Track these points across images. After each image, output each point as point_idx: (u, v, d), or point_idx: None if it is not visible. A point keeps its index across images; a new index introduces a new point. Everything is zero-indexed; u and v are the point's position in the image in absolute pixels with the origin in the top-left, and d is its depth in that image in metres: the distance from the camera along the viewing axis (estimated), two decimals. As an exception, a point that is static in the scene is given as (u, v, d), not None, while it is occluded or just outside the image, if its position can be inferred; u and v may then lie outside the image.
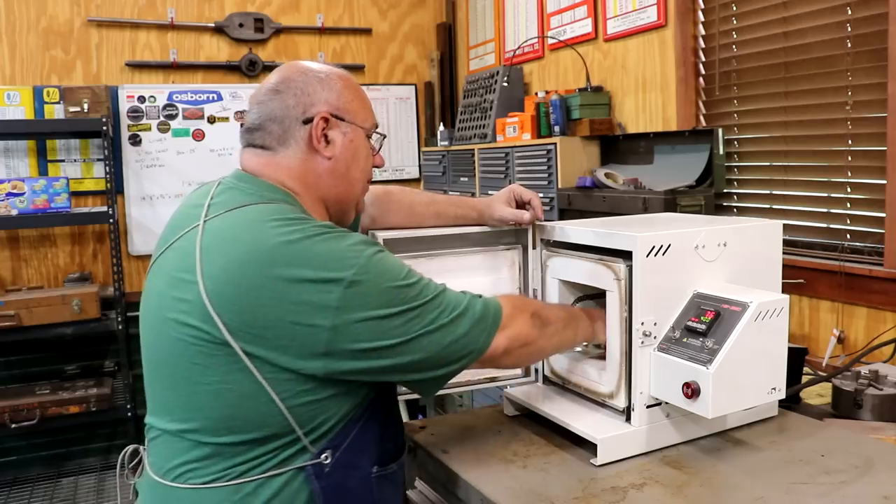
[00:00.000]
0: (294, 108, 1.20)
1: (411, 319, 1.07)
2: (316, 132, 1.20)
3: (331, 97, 1.22)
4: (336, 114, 1.22)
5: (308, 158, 1.21)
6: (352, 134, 1.24)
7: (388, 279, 1.07)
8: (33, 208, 3.31)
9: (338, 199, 1.26)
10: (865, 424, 1.50)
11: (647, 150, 2.73)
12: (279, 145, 1.21)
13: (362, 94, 1.29)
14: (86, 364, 3.71)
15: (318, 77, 1.23)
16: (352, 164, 1.25)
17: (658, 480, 1.17)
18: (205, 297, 1.04)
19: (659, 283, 1.25)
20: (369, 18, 4.32)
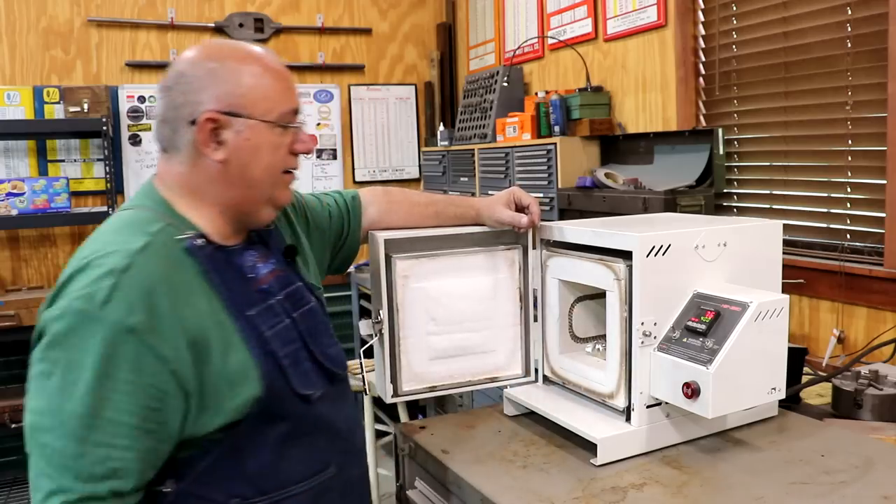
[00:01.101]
0: (181, 108, 1.10)
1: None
2: (201, 135, 1.09)
3: (221, 91, 1.09)
4: (228, 110, 1.09)
5: (198, 163, 1.11)
6: (248, 132, 1.11)
7: (59, 351, 0.98)
8: (33, 208, 3.31)
9: (235, 204, 1.14)
10: (865, 424, 1.50)
11: (647, 150, 2.73)
12: (171, 148, 1.13)
13: (272, 77, 1.14)
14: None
15: (210, 68, 1.10)
16: (249, 164, 1.12)
17: (658, 480, 1.17)
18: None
19: (659, 283, 1.25)
20: (369, 18, 4.32)
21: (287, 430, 1.11)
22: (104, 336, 0.96)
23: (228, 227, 1.16)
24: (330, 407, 1.19)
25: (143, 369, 0.98)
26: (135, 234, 1.05)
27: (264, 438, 1.09)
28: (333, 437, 1.19)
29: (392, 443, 1.72)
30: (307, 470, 1.13)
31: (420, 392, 1.44)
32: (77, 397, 0.96)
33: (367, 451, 1.33)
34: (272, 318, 1.13)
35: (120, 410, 0.97)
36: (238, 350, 1.07)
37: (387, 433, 3.51)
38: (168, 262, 1.05)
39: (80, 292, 0.98)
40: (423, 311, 1.41)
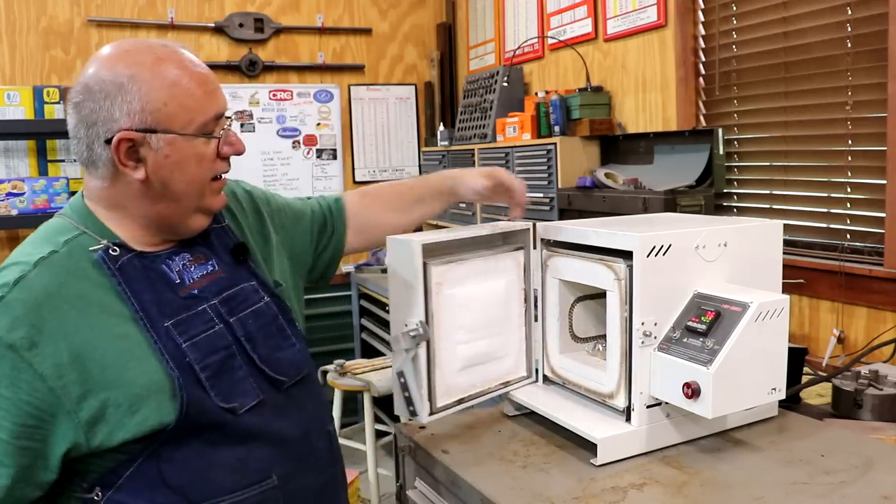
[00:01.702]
0: (94, 126, 1.04)
1: None
2: (118, 156, 1.04)
3: (134, 107, 1.03)
4: (143, 127, 1.03)
5: (117, 180, 1.07)
6: (167, 148, 1.05)
7: None
8: (33, 208, 3.31)
9: (161, 217, 1.11)
10: (865, 424, 1.50)
11: (647, 150, 2.73)
12: (88, 165, 1.08)
13: (188, 83, 1.06)
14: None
15: (118, 83, 1.03)
16: (172, 180, 1.07)
17: (658, 480, 1.17)
18: None
19: (659, 283, 1.25)
20: (369, 18, 4.32)
21: (214, 439, 1.07)
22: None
23: (155, 237, 1.13)
24: (271, 416, 1.13)
25: (20, 386, 0.97)
26: (43, 245, 1.05)
27: (187, 448, 1.06)
28: (278, 446, 1.13)
29: (392, 443, 1.72)
30: (242, 480, 1.09)
31: (451, 406, 1.34)
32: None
33: (337, 458, 1.28)
34: (197, 325, 1.09)
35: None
36: (147, 363, 1.04)
37: (387, 433, 3.51)
38: (68, 274, 1.03)
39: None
40: (453, 318, 1.33)
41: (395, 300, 1.31)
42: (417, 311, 1.26)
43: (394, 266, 1.31)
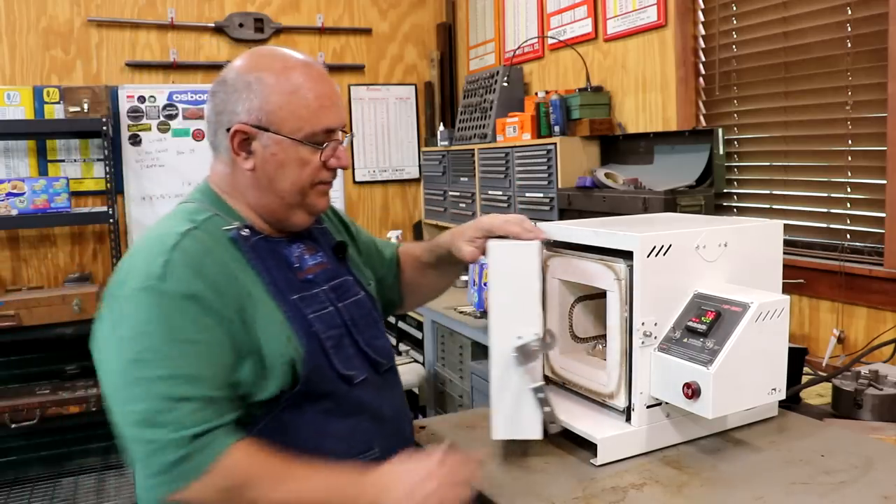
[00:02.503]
0: (221, 115, 1.18)
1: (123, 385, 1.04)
2: (232, 144, 1.17)
3: (253, 105, 1.15)
4: (256, 124, 1.16)
5: (234, 166, 1.20)
6: (274, 147, 1.17)
7: (125, 328, 1.05)
8: (33, 208, 3.31)
9: (267, 209, 1.22)
10: (865, 424, 1.50)
11: (647, 150, 2.73)
12: (215, 149, 1.22)
13: (305, 94, 1.17)
14: (86, 364, 3.70)
15: (246, 81, 1.16)
16: (276, 177, 1.18)
17: (658, 480, 1.17)
18: None
19: (659, 283, 1.25)
20: (369, 18, 4.32)
21: (329, 408, 1.16)
22: (164, 304, 1.04)
23: (269, 225, 1.23)
24: (374, 393, 1.23)
25: (210, 330, 1.06)
26: (182, 221, 1.14)
27: (306, 415, 1.14)
28: (378, 422, 1.22)
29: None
30: (350, 449, 1.17)
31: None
32: (152, 362, 1.02)
33: (414, 441, 1.36)
34: (315, 304, 1.20)
35: (196, 366, 1.04)
36: (283, 328, 1.13)
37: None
38: (213, 243, 1.13)
39: (139, 272, 1.06)
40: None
41: (508, 310, 1.24)
42: (539, 321, 1.24)
43: (508, 272, 1.24)
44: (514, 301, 1.24)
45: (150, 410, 1.00)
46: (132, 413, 1.01)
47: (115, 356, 1.04)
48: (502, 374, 1.24)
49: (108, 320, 1.08)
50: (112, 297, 1.09)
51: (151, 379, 1.01)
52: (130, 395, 1.02)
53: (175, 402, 1.00)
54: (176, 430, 0.99)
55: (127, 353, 1.03)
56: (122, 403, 1.03)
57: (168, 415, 1.00)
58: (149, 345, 1.02)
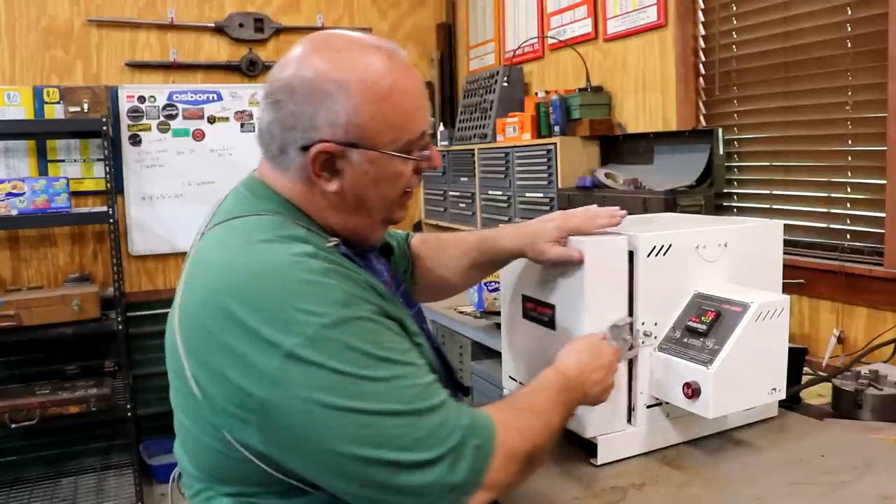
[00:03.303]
0: (291, 130, 0.96)
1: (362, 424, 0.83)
2: (313, 167, 0.97)
3: (339, 117, 0.94)
4: (344, 141, 0.95)
5: (308, 187, 1.00)
6: (367, 165, 0.98)
7: (342, 360, 0.83)
8: (33, 208, 3.31)
9: (348, 228, 1.04)
10: (865, 424, 1.50)
11: (647, 150, 2.73)
12: (278, 164, 1.01)
13: (400, 96, 0.98)
14: (86, 364, 3.71)
15: (324, 90, 0.94)
16: (367, 195, 1.01)
17: (658, 480, 1.17)
18: (177, 332, 0.92)
19: (659, 283, 1.25)
20: (369, 18, 4.32)
21: None
22: (368, 328, 0.87)
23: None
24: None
25: (399, 337, 0.93)
26: (291, 240, 0.93)
27: None
28: None
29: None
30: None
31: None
32: (396, 387, 0.86)
33: None
34: (421, 318, 1.14)
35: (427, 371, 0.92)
36: (422, 338, 1.04)
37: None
38: (339, 261, 0.96)
39: (309, 311, 0.85)
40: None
41: (600, 301, 1.22)
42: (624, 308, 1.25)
43: (599, 267, 1.22)
44: (607, 297, 1.23)
45: (433, 425, 0.85)
46: (409, 441, 0.83)
47: (345, 402, 0.83)
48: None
49: (301, 375, 0.83)
50: (278, 351, 0.83)
51: (411, 397, 0.86)
52: (398, 423, 0.84)
53: (439, 407, 0.87)
54: (461, 428, 0.87)
55: (353, 394, 0.83)
56: (392, 439, 0.83)
57: (445, 427, 0.86)
58: (378, 373, 0.85)
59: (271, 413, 0.83)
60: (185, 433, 0.97)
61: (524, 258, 1.30)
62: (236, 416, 0.86)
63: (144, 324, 3.89)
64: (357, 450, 0.82)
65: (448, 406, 0.88)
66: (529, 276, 1.34)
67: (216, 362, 0.86)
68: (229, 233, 0.96)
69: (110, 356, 3.72)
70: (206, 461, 0.95)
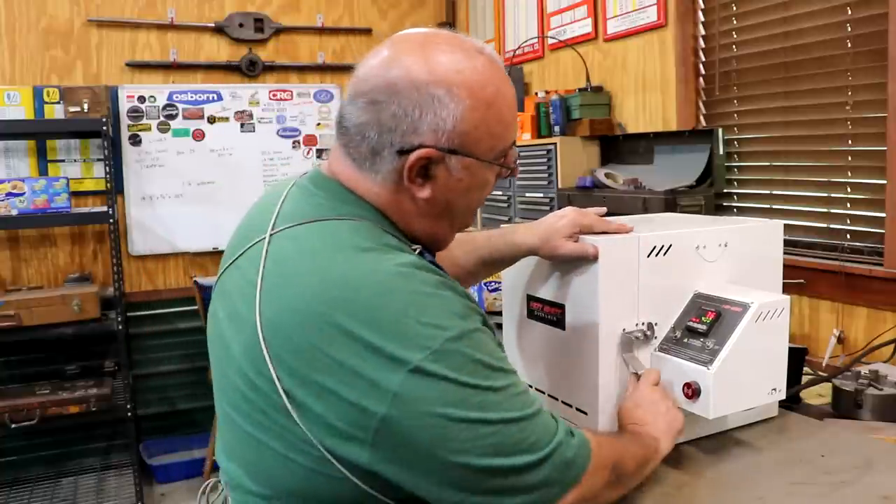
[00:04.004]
0: (390, 133, 0.92)
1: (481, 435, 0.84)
2: (409, 173, 0.94)
3: (445, 124, 0.92)
4: (447, 147, 0.93)
5: (397, 192, 0.97)
6: (462, 172, 0.96)
7: (466, 373, 0.84)
8: (33, 208, 3.31)
9: (426, 236, 1.02)
10: (865, 424, 1.50)
11: (647, 150, 2.73)
12: (366, 166, 0.96)
13: (501, 104, 0.96)
14: (86, 364, 3.71)
15: (434, 94, 0.91)
16: (457, 203, 0.99)
17: (658, 480, 1.17)
18: (262, 344, 0.87)
19: (659, 283, 1.25)
20: (369, 18, 4.32)
21: None
22: (487, 339, 0.89)
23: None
24: None
25: (498, 345, 0.93)
26: (390, 249, 0.91)
27: None
28: None
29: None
30: None
31: None
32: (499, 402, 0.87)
33: None
34: None
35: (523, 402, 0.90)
36: None
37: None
38: (441, 272, 0.95)
39: (434, 322, 0.84)
40: None
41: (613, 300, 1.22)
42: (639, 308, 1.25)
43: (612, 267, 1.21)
44: (621, 296, 1.22)
45: (542, 425, 0.89)
46: (527, 445, 0.86)
47: (473, 413, 0.83)
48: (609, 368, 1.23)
49: (428, 390, 0.82)
50: (402, 367, 0.81)
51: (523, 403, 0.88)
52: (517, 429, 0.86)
53: (540, 408, 0.90)
54: (562, 428, 0.91)
55: (479, 405, 0.84)
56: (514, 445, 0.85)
57: (549, 427, 0.90)
58: (497, 383, 0.86)
59: (393, 429, 0.82)
60: (253, 448, 0.92)
61: (531, 257, 1.30)
62: (345, 433, 0.84)
63: (144, 324, 3.89)
64: (484, 460, 0.83)
65: (544, 407, 0.92)
66: (535, 276, 1.34)
67: (323, 379, 0.83)
68: (314, 238, 0.92)
69: (110, 356, 3.72)
70: (286, 479, 0.90)
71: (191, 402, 3.96)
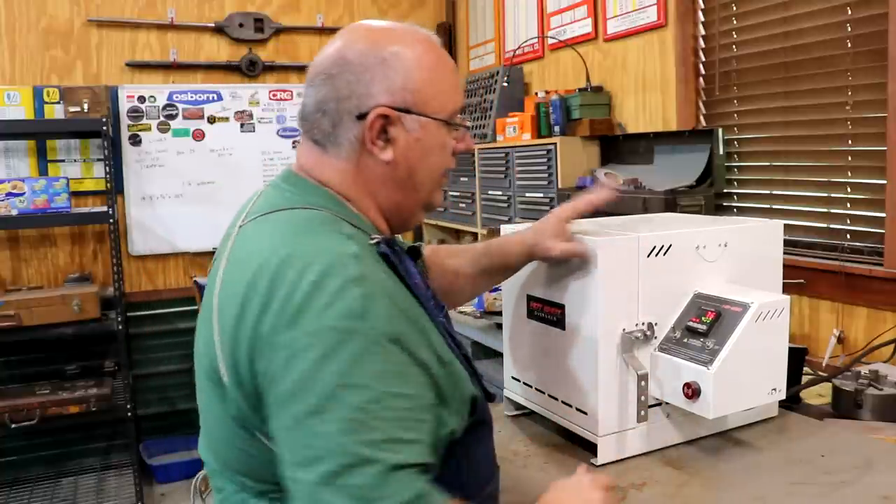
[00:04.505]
0: (346, 100, 0.98)
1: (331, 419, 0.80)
2: (370, 133, 0.98)
3: (394, 83, 0.98)
4: (400, 106, 0.99)
5: (361, 161, 1.01)
6: (420, 131, 1.01)
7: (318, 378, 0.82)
8: (33, 208, 3.31)
9: (397, 207, 1.05)
10: (865, 424, 1.50)
11: (647, 150, 2.73)
12: (329, 143, 1.01)
13: (443, 69, 1.03)
14: (86, 364, 3.71)
15: (381, 57, 0.99)
16: (418, 166, 1.03)
17: (658, 480, 1.17)
18: (215, 326, 0.91)
19: (659, 283, 1.25)
20: (369, 18, 4.32)
21: (483, 433, 1.05)
22: (373, 350, 0.84)
23: (388, 232, 1.08)
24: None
25: (414, 380, 0.87)
26: (335, 237, 0.92)
27: (469, 441, 1.01)
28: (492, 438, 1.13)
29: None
30: (489, 471, 1.08)
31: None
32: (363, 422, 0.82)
33: None
34: (448, 322, 1.09)
35: (407, 426, 0.85)
36: (450, 353, 1.00)
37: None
38: (380, 266, 0.94)
39: (331, 308, 0.84)
40: None
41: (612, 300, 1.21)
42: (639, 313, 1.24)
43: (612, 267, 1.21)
44: (620, 296, 1.22)
45: (363, 484, 0.79)
46: (341, 486, 0.80)
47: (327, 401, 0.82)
48: (609, 368, 1.22)
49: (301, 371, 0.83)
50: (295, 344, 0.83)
51: (363, 442, 0.80)
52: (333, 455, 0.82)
53: (392, 471, 0.80)
54: (397, 501, 0.79)
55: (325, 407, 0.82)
56: (328, 465, 0.80)
57: (385, 487, 0.80)
58: (355, 403, 0.81)
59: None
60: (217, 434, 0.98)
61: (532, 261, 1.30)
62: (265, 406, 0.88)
63: (144, 324, 3.89)
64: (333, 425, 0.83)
65: (402, 475, 0.82)
66: (535, 277, 1.34)
67: (251, 354, 0.87)
68: (272, 225, 0.96)
69: (110, 356, 3.72)
70: (234, 455, 0.96)
71: (191, 402, 3.92)
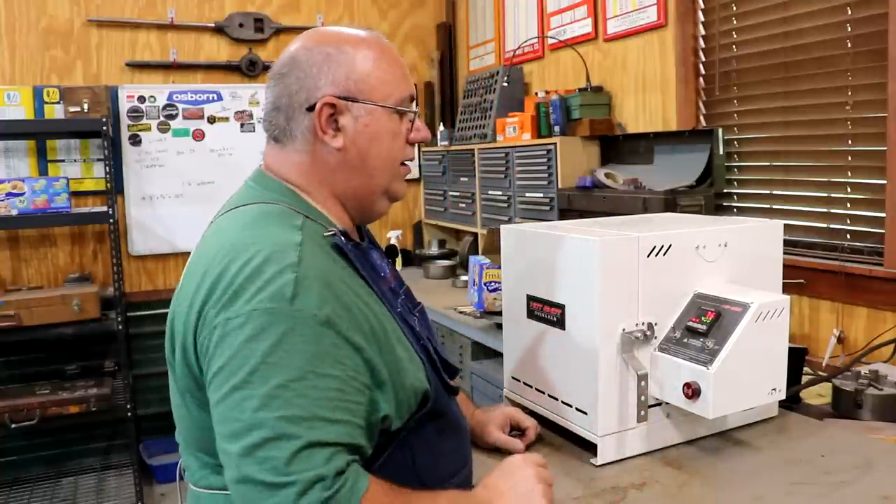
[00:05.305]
0: (297, 94, 1.07)
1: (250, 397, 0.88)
2: (319, 121, 1.06)
3: (339, 75, 1.07)
4: (345, 95, 1.06)
5: (316, 151, 1.08)
6: (367, 117, 1.08)
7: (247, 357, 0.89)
8: (33, 208, 3.31)
9: (355, 194, 1.11)
10: (865, 424, 1.50)
11: (647, 150, 2.73)
12: (286, 137, 1.09)
13: (388, 62, 1.11)
14: (86, 364, 3.71)
15: (326, 52, 1.08)
16: (369, 152, 1.09)
17: (658, 480, 1.18)
18: (172, 312, 1.03)
19: (659, 283, 1.25)
20: (369, 18, 4.32)
21: (441, 427, 1.09)
22: (300, 332, 0.90)
23: (350, 222, 1.14)
24: (456, 405, 1.18)
25: (344, 362, 0.92)
26: (283, 228, 0.99)
27: (426, 433, 1.06)
28: (464, 434, 1.18)
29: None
30: (455, 465, 1.12)
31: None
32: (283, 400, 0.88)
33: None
34: (410, 315, 1.13)
35: (333, 407, 0.90)
36: (406, 344, 1.05)
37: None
38: (326, 255, 1.01)
39: (263, 291, 0.91)
40: None
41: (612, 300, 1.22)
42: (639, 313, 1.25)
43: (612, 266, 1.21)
44: (624, 289, 1.22)
45: (280, 457, 0.85)
46: (261, 458, 0.86)
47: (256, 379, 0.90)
48: (609, 368, 1.23)
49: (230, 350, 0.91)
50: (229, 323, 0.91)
51: (284, 418, 0.86)
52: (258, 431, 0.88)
53: (311, 447, 0.86)
54: (312, 476, 0.85)
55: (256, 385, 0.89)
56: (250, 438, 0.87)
57: (302, 462, 0.85)
58: (279, 380, 0.88)
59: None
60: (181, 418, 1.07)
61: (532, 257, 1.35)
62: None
63: (144, 324, 3.89)
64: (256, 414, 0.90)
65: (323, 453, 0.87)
66: (535, 276, 1.34)
67: (199, 335, 0.96)
68: (231, 218, 1.05)
69: (110, 356, 3.72)
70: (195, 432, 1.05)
71: (191, 402, 3.95)
